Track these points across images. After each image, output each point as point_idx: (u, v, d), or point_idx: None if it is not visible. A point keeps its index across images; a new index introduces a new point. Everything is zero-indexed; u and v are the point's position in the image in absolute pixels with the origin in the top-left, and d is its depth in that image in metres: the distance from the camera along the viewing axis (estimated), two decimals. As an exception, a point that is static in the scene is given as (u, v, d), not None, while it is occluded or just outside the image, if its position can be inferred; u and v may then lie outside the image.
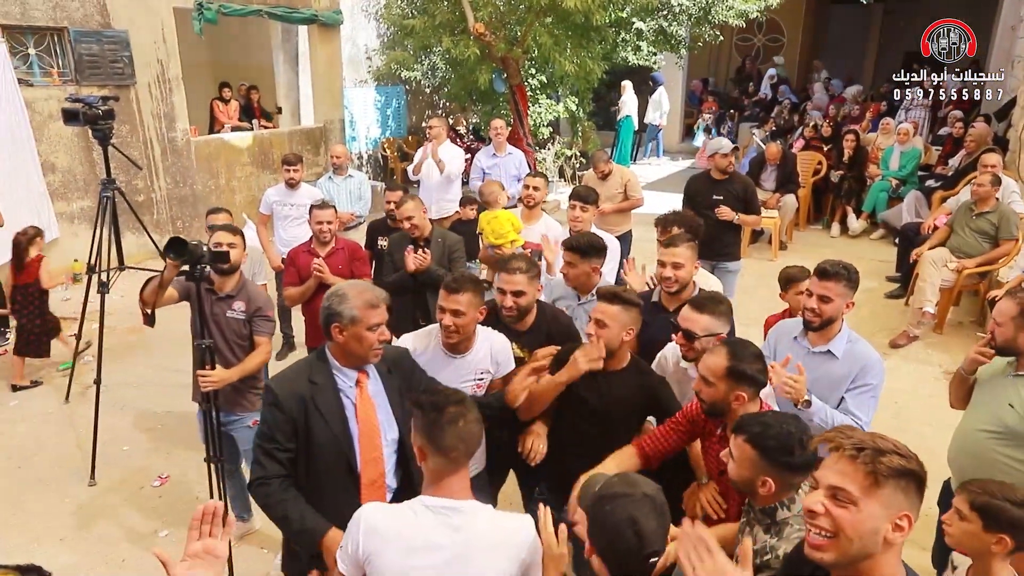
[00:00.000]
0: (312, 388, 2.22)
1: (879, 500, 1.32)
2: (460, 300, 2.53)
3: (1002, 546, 1.96)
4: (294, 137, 10.12)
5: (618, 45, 10.75)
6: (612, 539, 1.50)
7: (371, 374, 2.33)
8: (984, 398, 2.66)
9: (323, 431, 2.21)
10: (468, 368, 2.70)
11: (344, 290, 2.28)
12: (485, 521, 1.75)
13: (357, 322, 2.20)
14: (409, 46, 10.83)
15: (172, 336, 6.13)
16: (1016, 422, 2.46)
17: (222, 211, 4.29)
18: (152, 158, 8.22)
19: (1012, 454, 2.48)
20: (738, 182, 5.36)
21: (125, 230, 6.39)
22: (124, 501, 4.04)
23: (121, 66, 7.67)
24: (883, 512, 1.32)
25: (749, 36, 17.36)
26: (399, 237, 4.33)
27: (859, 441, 1.36)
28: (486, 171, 6.65)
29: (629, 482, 1.59)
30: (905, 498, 1.33)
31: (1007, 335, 2.53)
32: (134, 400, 5.18)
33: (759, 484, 1.87)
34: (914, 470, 1.34)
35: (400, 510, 1.77)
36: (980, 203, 5.83)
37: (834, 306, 2.67)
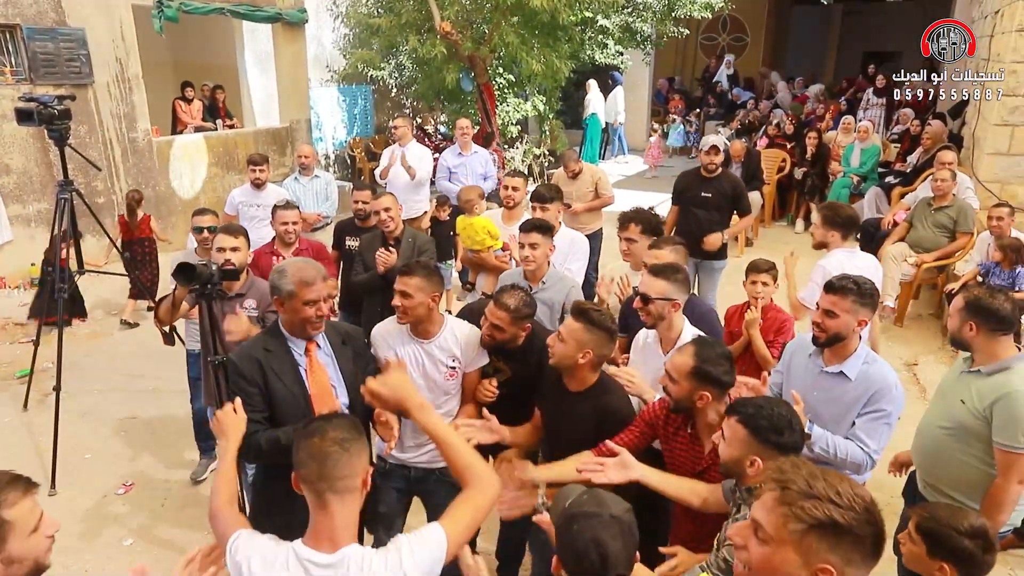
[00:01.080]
0: (266, 354, 2.43)
1: (794, 546, 1.24)
2: (409, 283, 2.60)
3: (943, 574, 1.91)
4: (260, 137, 9.97)
5: (585, 44, 10.80)
6: (577, 559, 1.50)
7: (321, 344, 2.51)
8: (941, 395, 2.72)
9: (281, 390, 2.40)
10: (437, 352, 2.73)
11: (284, 266, 2.47)
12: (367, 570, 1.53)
13: (293, 296, 2.38)
14: (375, 45, 10.74)
15: (135, 341, 6.03)
16: (966, 417, 2.48)
17: (208, 212, 4.21)
18: (112, 159, 8.03)
19: (965, 450, 2.50)
20: (727, 181, 5.33)
21: (85, 232, 6.25)
22: (87, 510, 3.94)
23: (78, 65, 7.47)
24: (798, 559, 1.23)
25: (714, 35, 17.59)
26: (370, 238, 4.30)
27: (793, 480, 1.26)
28: (452, 170, 6.62)
29: (598, 501, 1.56)
30: (830, 550, 1.21)
31: (953, 327, 2.59)
32: (96, 407, 5.05)
33: (748, 464, 1.93)
34: (842, 524, 1.20)
35: (275, 556, 1.56)
36: (939, 198, 5.98)
37: (840, 322, 2.47)
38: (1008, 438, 2.37)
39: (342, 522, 1.54)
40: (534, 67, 9.13)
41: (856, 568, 1.23)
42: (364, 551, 1.55)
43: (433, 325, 2.73)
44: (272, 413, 2.42)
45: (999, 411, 2.39)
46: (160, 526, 3.81)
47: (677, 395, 2.29)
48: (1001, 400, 2.39)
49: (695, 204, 5.22)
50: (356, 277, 4.20)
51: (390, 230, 4.23)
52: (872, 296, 2.49)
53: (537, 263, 3.44)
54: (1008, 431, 2.37)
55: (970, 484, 2.51)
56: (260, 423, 2.37)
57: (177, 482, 4.18)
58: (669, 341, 2.80)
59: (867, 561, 1.24)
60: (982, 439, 2.45)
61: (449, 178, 6.57)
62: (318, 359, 2.49)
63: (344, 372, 2.52)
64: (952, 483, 2.56)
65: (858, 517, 1.21)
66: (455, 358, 2.74)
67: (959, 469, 2.52)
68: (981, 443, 2.46)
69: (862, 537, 1.22)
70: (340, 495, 1.53)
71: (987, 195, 6.88)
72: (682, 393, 2.27)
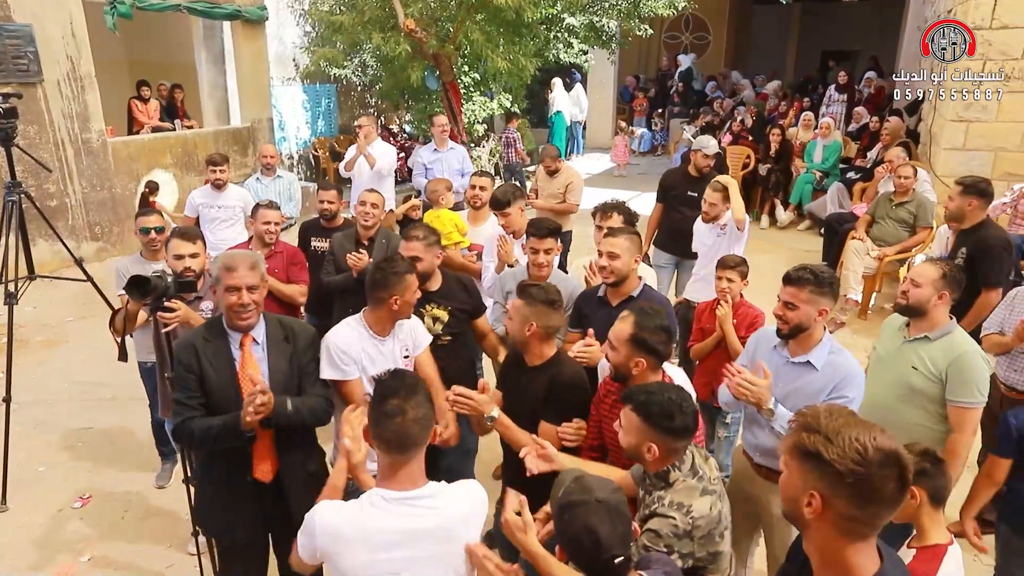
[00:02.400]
0: (204, 343, 2.47)
1: (794, 471, 1.38)
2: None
3: (915, 499, 2.05)
4: (220, 137, 9.75)
5: (550, 42, 10.80)
6: (574, 546, 1.56)
7: (259, 340, 2.52)
8: (886, 367, 2.85)
9: (213, 378, 2.43)
10: (395, 346, 2.85)
11: (221, 255, 2.58)
12: (448, 500, 1.78)
13: (219, 282, 2.45)
14: (338, 43, 10.59)
15: (90, 349, 5.82)
16: (920, 381, 2.67)
17: (153, 213, 4.02)
18: (64, 160, 7.75)
19: (916, 413, 2.70)
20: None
21: (36, 237, 6.01)
22: (40, 526, 3.77)
23: (25, 62, 7.19)
24: (800, 482, 1.37)
25: (677, 34, 17.76)
26: (342, 237, 4.19)
27: (813, 416, 1.39)
28: (427, 166, 6.56)
29: (583, 488, 1.61)
30: (818, 480, 1.33)
31: (923, 296, 2.70)
32: (49, 417, 4.86)
33: (645, 450, 1.99)
34: (825, 458, 1.31)
35: (360, 508, 1.75)
36: (899, 194, 6.10)
37: (801, 313, 2.51)
38: (964, 395, 2.60)
39: (418, 468, 1.78)
40: (499, 65, 9.08)
41: (847, 505, 1.31)
42: (440, 484, 1.80)
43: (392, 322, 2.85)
44: (206, 401, 2.45)
45: (954, 371, 2.60)
46: (121, 540, 3.67)
47: (615, 361, 2.38)
48: (955, 361, 2.61)
49: (681, 202, 5.22)
50: (328, 278, 4.09)
51: (368, 225, 4.14)
52: (831, 285, 2.53)
53: (551, 269, 3.40)
54: (964, 388, 2.60)
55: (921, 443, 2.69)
56: (195, 408, 2.42)
57: (138, 493, 4.03)
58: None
59: (858, 502, 1.31)
60: (934, 400, 2.66)
61: (425, 174, 6.51)
62: (251, 352, 2.50)
63: (272, 370, 2.50)
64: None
65: (845, 456, 1.30)
66: (406, 347, 2.88)
67: (910, 432, 2.67)
68: (933, 404, 2.67)
69: (843, 474, 1.30)
70: (417, 453, 1.76)
71: (944, 189, 7.04)
72: (619, 359, 2.36)
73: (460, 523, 1.78)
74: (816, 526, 1.37)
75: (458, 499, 1.81)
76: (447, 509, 1.76)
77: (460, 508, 1.80)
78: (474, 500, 1.85)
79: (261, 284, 2.48)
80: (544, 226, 3.38)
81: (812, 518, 1.36)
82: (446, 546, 1.75)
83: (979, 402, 2.62)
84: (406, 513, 1.73)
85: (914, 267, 2.82)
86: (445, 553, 1.75)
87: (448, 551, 1.75)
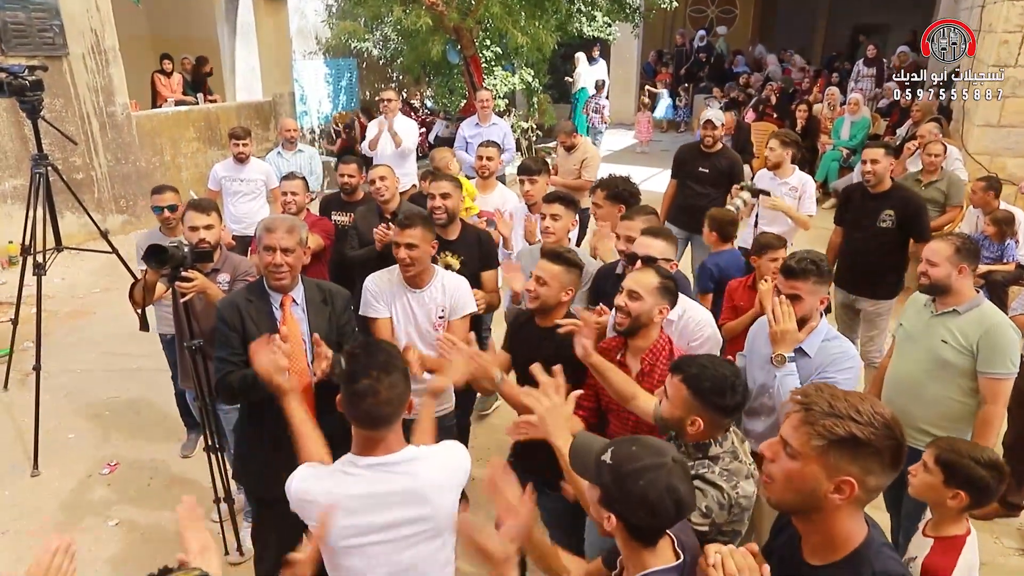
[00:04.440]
0: (247, 303, 2.59)
1: (817, 460, 1.33)
2: (413, 234, 2.77)
3: (958, 501, 2.04)
4: (242, 111, 9.78)
5: (572, 15, 10.62)
6: (652, 511, 1.43)
7: (298, 300, 2.64)
8: (915, 343, 2.83)
9: (255, 336, 2.45)
10: (428, 302, 2.91)
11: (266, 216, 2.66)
12: (427, 463, 1.78)
13: (260, 241, 2.56)
14: (360, 16, 10.52)
15: (116, 320, 5.92)
16: (951, 354, 2.67)
17: (167, 190, 4.04)
18: (90, 134, 7.84)
19: (947, 386, 2.69)
20: (726, 158, 5.29)
21: (64, 209, 6.10)
22: (70, 491, 3.88)
23: (51, 36, 7.25)
24: (822, 472, 1.33)
25: (702, 8, 17.39)
26: (366, 211, 4.20)
27: (815, 401, 1.37)
28: (468, 140, 6.54)
29: (655, 450, 1.49)
30: (851, 463, 1.31)
31: (943, 273, 2.68)
32: (78, 386, 4.97)
33: (688, 423, 1.93)
34: (862, 439, 1.29)
35: (331, 474, 1.75)
36: (927, 173, 5.94)
37: (806, 304, 2.49)
38: (996, 365, 2.59)
39: (394, 437, 1.76)
40: (519, 39, 8.96)
41: (876, 478, 1.33)
42: (421, 449, 1.80)
43: (427, 274, 2.91)
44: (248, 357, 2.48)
45: (985, 343, 2.60)
46: (146, 506, 3.76)
47: (638, 311, 2.37)
48: (987, 333, 2.60)
49: (692, 178, 5.19)
50: (352, 252, 4.11)
51: (384, 199, 4.16)
52: (829, 273, 2.55)
53: (557, 236, 3.37)
54: (997, 359, 2.59)
55: (950, 418, 2.72)
56: (237, 365, 2.51)
57: (163, 461, 4.12)
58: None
59: (887, 471, 1.33)
60: (965, 373, 2.65)
61: (466, 148, 6.50)
62: (292, 313, 2.61)
63: (315, 329, 2.59)
64: (933, 420, 2.74)
65: (877, 432, 1.31)
66: (443, 308, 2.92)
67: (940, 406, 2.71)
68: (964, 377, 2.66)
69: (881, 450, 1.31)
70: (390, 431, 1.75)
71: (976, 167, 6.87)
72: (643, 308, 2.36)
73: (434, 489, 1.76)
74: (840, 508, 1.35)
75: (437, 465, 1.80)
76: (423, 474, 1.75)
77: (436, 475, 1.78)
78: (454, 468, 1.84)
79: (297, 248, 2.58)
80: (554, 195, 3.43)
81: (842, 503, 1.33)
82: (417, 510, 1.74)
83: (1012, 373, 2.61)
84: (378, 478, 1.72)
85: (927, 247, 2.78)
86: (417, 517, 1.74)
87: (421, 515, 1.74)
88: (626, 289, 2.45)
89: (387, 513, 1.71)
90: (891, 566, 1.37)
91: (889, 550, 1.41)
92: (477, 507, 3.68)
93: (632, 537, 1.49)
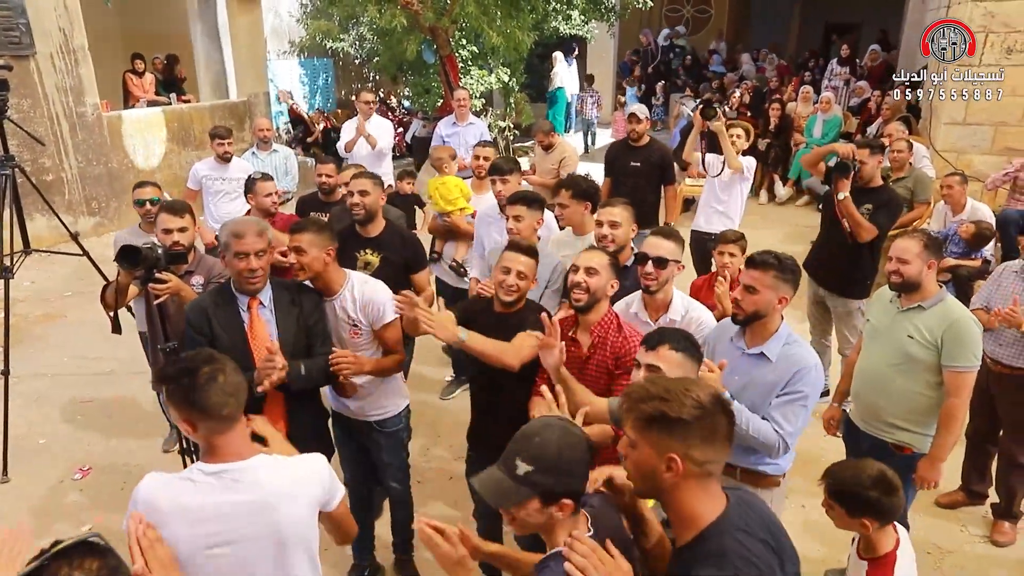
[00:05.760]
0: (215, 307, 2.58)
1: (646, 442, 1.41)
2: (302, 239, 2.66)
3: (867, 528, 2.07)
4: (216, 112, 9.68)
5: (548, 14, 10.66)
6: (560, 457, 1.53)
7: (265, 302, 2.61)
8: (882, 338, 2.89)
9: (224, 340, 2.52)
10: (338, 311, 2.78)
11: (228, 222, 2.62)
12: (273, 474, 1.72)
13: (228, 248, 2.52)
14: (334, 15, 10.46)
15: (88, 324, 5.84)
16: (916, 349, 2.73)
17: (149, 184, 4.02)
18: (59, 134, 7.72)
19: (912, 380, 2.76)
20: (655, 150, 5.28)
21: (34, 212, 6.01)
22: (41, 497, 3.83)
23: (17, 34, 7.13)
24: (653, 453, 1.40)
25: (678, 7, 17.51)
26: (339, 211, 4.16)
27: (633, 389, 1.47)
28: (445, 139, 6.53)
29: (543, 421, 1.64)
30: (671, 438, 1.38)
31: (914, 271, 2.73)
32: (49, 391, 4.90)
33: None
34: (672, 415, 1.38)
35: (179, 481, 1.70)
36: (895, 169, 6.05)
37: (761, 299, 2.40)
38: (959, 359, 2.65)
39: (242, 440, 1.73)
40: (494, 39, 8.97)
41: (700, 451, 1.39)
42: (268, 457, 1.74)
43: (332, 283, 2.75)
44: None
45: (949, 337, 2.66)
46: (120, 511, 3.66)
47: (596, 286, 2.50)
48: (950, 327, 2.66)
49: (625, 174, 5.18)
50: None
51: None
52: (793, 272, 2.43)
53: (523, 236, 3.33)
54: (960, 352, 2.65)
55: (916, 411, 2.78)
56: None
57: (137, 465, 4.08)
58: (660, 306, 2.80)
59: (711, 445, 1.40)
60: (930, 368, 2.72)
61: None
62: (259, 316, 2.59)
63: (282, 331, 2.59)
64: (899, 414, 2.80)
65: (685, 407, 1.38)
66: (353, 320, 2.78)
67: (907, 400, 2.77)
68: (929, 372, 2.72)
69: (691, 423, 1.38)
70: (233, 425, 1.70)
71: (944, 164, 7.01)
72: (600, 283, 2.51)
73: (283, 497, 1.70)
74: (678, 486, 1.42)
75: (284, 473, 1.73)
76: (268, 483, 1.69)
77: (283, 482, 1.71)
78: (304, 473, 1.77)
79: (268, 250, 2.57)
80: (517, 195, 3.44)
81: (676, 480, 1.40)
82: (265, 519, 1.68)
83: (974, 366, 2.67)
84: (223, 487, 1.67)
85: (895, 245, 2.81)
86: (265, 527, 1.68)
87: (269, 524, 1.69)
88: (583, 267, 2.53)
89: (230, 522, 1.66)
90: (729, 545, 1.39)
91: (740, 532, 1.42)
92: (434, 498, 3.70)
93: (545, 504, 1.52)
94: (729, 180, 4.98)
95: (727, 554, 1.38)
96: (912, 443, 2.80)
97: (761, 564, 1.40)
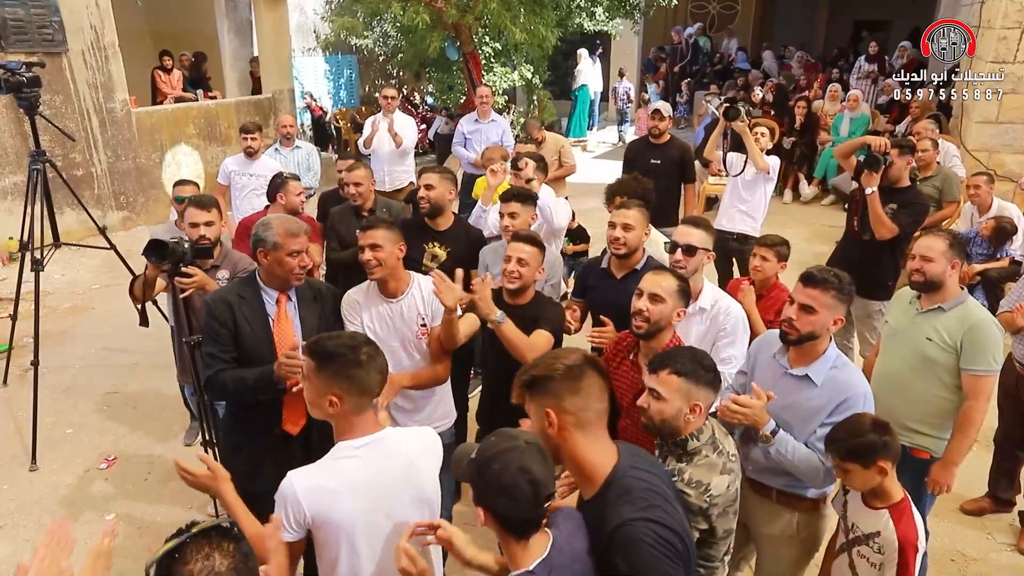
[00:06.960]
0: (239, 300, 2.56)
1: (531, 408, 1.67)
2: (376, 235, 2.66)
3: (886, 472, 2.08)
4: (241, 108, 9.78)
5: (572, 11, 10.61)
6: (509, 495, 1.46)
7: (292, 298, 2.63)
8: (900, 340, 2.84)
9: (248, 335, 2.52)
10: (406, 311, 2.74)
11: (269, 220, 2.57)
12: (407, 440, 1.90)
13: (279, 248, 2.49)
14: (359, 12, 10.52)
15: (115, 316, 5.95)
16: (935, 352, 2.68)
17: (190, 183, 4.14)
18: (90, 130, 7.86)
19: (931, 383, 2.70)
20: (675, 147, 5.29)
21: (64, 206, 6.13)
22: (68, 485, 3.91)
23: (50, 32, 7.26)
24: (539, 411, 1.64)
25: (704, 4, 17.34)
26: (341, 211, 4.17)
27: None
28: (467, 136, 6.58)
29: (508, 436, 1.56)
30: (544, 396, 1.63)
31: (938, 270, 2.67)
32: (77, 382, 5.00)
33: (690, 411, 1.94)
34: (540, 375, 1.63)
35: (331, 464, 1.80)
36: (922, 169, 5.94)
37: (817, 319, 2.21)
38: (978, 362, 2.60)
39: (372, 414, 1.87)
40: (517, 36, 8.96)
41: (570, 401, 1.61)
42: (398, 429, 1.94)
43: (401, 282, 2.76)
44: (239, 355, 2.53)
45: (968, 340, 2.60)
46: (144, 500, 3.79)
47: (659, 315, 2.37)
48: (970, 330, 2.61)
49: (645, 171, 5.13)
50: (334, 254, 4.04)
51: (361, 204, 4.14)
52: (851, 293, 2.28)
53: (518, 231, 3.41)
54: (979, 356, 2.60)
55: (935, 414, 2.73)
56: (227, 363, 2.51)
57: (160, 456, 4.15)
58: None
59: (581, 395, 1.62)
60: (949, 370, 2.66)
61: (464, 144, 6.54)
62: (287, 311, 2.61)
63: (306, 327, 2.60)
64: (917, 417, 2.75)
65: (548, 367, 1.64)
66: (423, 316, 2.75)
67: (925, 403, 2.72)
68: (948, 374, 2.67)
69: (555, 376, 1.62)
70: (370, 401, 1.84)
71: (974, 164, 6.87)
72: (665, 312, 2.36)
73: (422, 455, 1.89)
74: (563, 438, 1.62)
75: (412, 437, 1.93)
76: (409, 447, 1.87)
77: (416, 444, 1.90)
78: (427, 438, 1.96)
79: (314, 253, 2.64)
80: (510, 192, 3.48)
81: (557, 431, 1.61)
82: (412, 480, 1.84)
83: (993, 370, 2.62)
84: (380, 456, 1.81)
85: (919, 243, 2.77)
86: (412, 489, 1.84)
87: (415, 486, 1.85)
88: (647, 292, 2.36)
89: (387, 487, 1.80)
90: (630, 483, 1.58)
91: (635, 470, 1.62)
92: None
93: (503, 529, 1.52)
94: (753, 179, 4.93)
95: (632, 490, 1.56)
96: (930, 447, 2.75)
97: (663, 491, 1.61)
